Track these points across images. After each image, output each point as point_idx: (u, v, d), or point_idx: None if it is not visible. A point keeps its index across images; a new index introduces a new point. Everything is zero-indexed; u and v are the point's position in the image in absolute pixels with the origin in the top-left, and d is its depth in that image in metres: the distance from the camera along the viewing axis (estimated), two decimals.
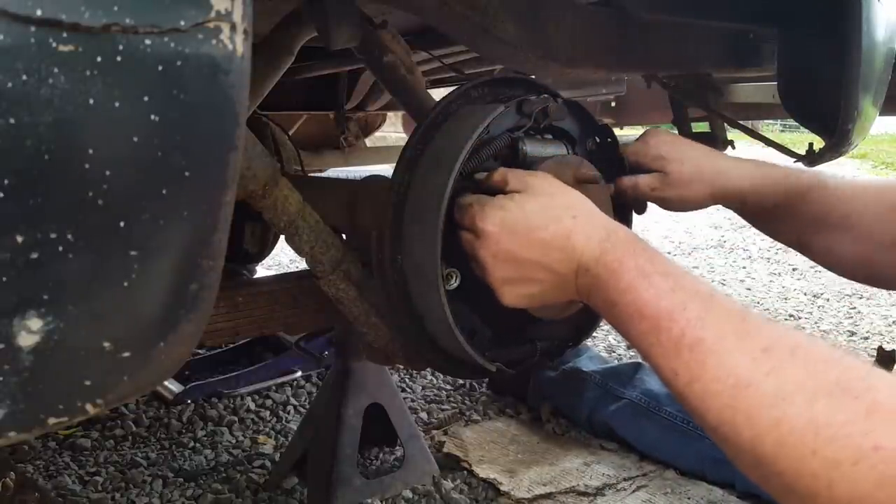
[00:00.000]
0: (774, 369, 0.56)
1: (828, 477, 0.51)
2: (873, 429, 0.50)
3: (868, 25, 1.09)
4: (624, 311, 0.69)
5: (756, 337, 0.60)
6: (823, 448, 0.51)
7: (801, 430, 0.53)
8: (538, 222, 0.77)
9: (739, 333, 0.60)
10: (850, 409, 0.52)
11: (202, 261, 0.48)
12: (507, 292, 0.81)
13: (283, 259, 3.52)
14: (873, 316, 2.83)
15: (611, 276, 0.71)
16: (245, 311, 1.17)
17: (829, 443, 0.51)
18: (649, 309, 0.66)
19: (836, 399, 0.53)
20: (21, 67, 0.37)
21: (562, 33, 1.06)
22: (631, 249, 0.72)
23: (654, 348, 0.65)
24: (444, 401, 1.99)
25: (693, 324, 0.62)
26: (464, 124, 0.90)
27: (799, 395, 0.54)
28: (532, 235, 0.77)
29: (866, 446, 0.50)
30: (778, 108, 1.75)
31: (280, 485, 1.53)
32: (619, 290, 0.70)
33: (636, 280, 0.68)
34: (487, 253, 0.80)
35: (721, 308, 0.64)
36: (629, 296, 0.68)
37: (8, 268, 0.39)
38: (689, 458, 1.56)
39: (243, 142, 0.48)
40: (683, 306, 0.64)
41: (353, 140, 2.64)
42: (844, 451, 0.50)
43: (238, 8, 0.44)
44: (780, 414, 0.54)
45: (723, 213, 5.21)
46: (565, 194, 0.81)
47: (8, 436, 0.43)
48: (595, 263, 0.73)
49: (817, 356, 0.57)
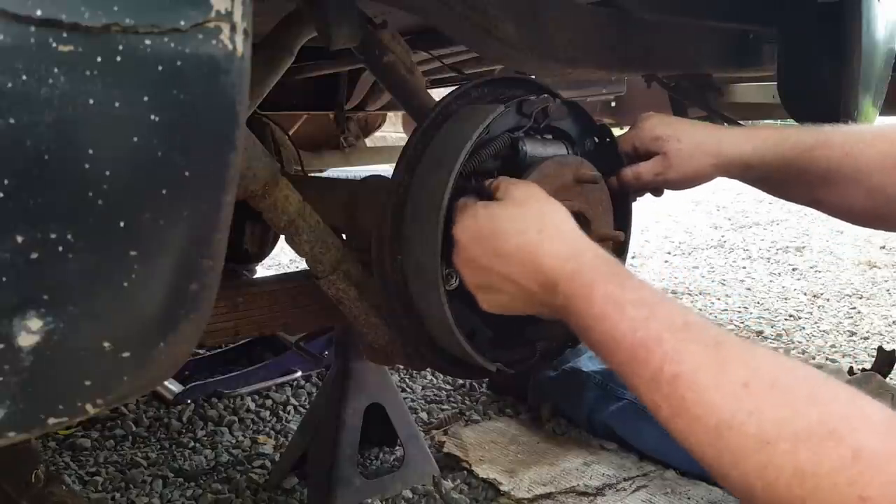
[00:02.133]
0: (756, 409, 0.56)
1: None
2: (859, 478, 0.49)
3: (868, 25, 1.09)
4: (600, 339, 0.68)
5: (735, 369, 0.59)
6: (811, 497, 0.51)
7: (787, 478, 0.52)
8: (502, 233, 0.76)
9: (718, 365, 0.59)
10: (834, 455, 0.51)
11: (202, 261, 0.48)
12: (482, 298, 0.82)
13: (283, 259, 3.52)
14: (873, 316, 2.83)
15: (582, 301, 0.70)
16: (245, 311, 1.17)
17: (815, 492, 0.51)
18: (625, 341, 0.65)
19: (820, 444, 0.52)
20: (21, 67, 0.37)
21: (562, 33, 1.06)
22: (600, 273, 0.70)
23: (634, 379, 0.64)
24: (444, 401, 1.99)
25: (669, 357, 0.61)
26: (464, 124, 0.90)
27: (782, 440, 0.53)
28: (495, 245, 0.76)
29: (852, 497, 0.49)
30: (778, 108, 1.75)
31: (280, 485, 1.53)
32: (592, 317, 0.68)
33: (608, 309, 0.67)
34: (458, 259, 0.81)
35: (697, 337, 0.62)
36: (603, 324, 0.67)
37: (8, 268, 0.39)
38: (688, 458, 1.54)
39: (243, 142, 0.48)
40: (658, 338, 0.63)
41: (353, 140, 2.64)
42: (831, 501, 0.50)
43: (238, 8, 0.44)
44: (765, 459, 0.54)
45: (723, 213, 5.22)
46: (538, 206, 0.79)
47: (8, 436, 0.43)
48: (566, 284, 0.71)
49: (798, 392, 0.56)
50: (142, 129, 0.42)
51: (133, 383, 0.48)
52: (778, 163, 0.98)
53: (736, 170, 1.00)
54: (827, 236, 4.25)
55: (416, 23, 1.37)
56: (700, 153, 0.99)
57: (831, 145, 0.97)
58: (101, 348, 0.45)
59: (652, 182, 1.02)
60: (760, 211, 5.15)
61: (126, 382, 0.48)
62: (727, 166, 1.00)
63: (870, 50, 1.11)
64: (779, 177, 1.00)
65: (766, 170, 0.99)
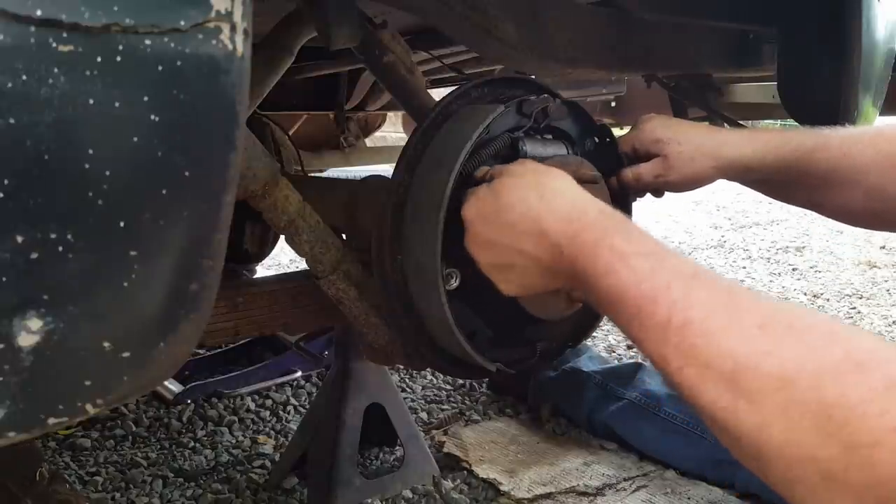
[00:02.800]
0: (775, 348, 0.52)
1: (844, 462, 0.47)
2: (890, 407, 0.46)
3: (868, 25, 1.09)
4: (605, 297, 0.65)
5: (749, 313, 0.55)
6: (838, 431, 0.47)
7: (812, 414, 0.48)
8: (506, 203, 0.76)
9: (730, 310, 0.56)
10: (864, 387, 0.47)
11: (202, 261, 0.48)
12: (500, 280, 0.80)
13: (283, 259, 3.52)
14: (873, 316, 2.83)
15: (586, 259, 0.67)
16: (245, 311, 1.17)
17: (843, 425, 0.47)
18: (630, 293, 0.62)
19: (846, 376, 0.48)
20: (21, 67, 0.37)
21: (562, 33, 1.06)
22: (602, 228, 0.68)
23: (642, 333, 0.61)
24: (444, 401, 1.99)
25: (679, 304, 0.58)
26: (464, 124, 0.90)
27: (804, 375, 0.50)
28: (501, 219, 0.76)
29: (884, 427, 0.46)
30: (778, 108, 1.75)
31: (280, 485, 1.53)
32: (596, 275, 0.66)
33: (613, 262, 0.64)
34: (470, 241, 0.80)
35: (707, 284, 0.59)
36: (608, 279, 0.64)
37: (8, 268, 0.39)
38: (688, 458, 1.56)
39: (243, 142, 0.48)
40: (667, 286, 0.60)
41: (353, 140, 2.64)
42: (860, 433, 0.46)
43: (238, 8, 0.44)
44: (787, 397, 0.50)
45: (723, 213, 5.22)
46: (535, 174, 0.78)
47: (8, 436, 0.43)
48: (568, 244, 0.69)
49: (817, 331, 0.53)
50: (142, 129, 0.42)
51: (133, 383, 0.48)
52: (778, 165, 0.98)
53: (736, 172, 1.01)
54: (827, 236, 4.25)
55: (416, 23, 1.37)
56: (700, 155, 0.99)
57: (830, 147, 0.97)
58: (101, 348, 0.45)
59: (652, 183, 1.02)
60: (760, 211, 5.15)
61: (126, 382, 0.48)
62: (727, 168, 1.00)
63: (870, 50, 1.11)
64: (779, 179, 1.00)
65: (766, 172, 0.99)
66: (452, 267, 0.87)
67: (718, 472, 1.51)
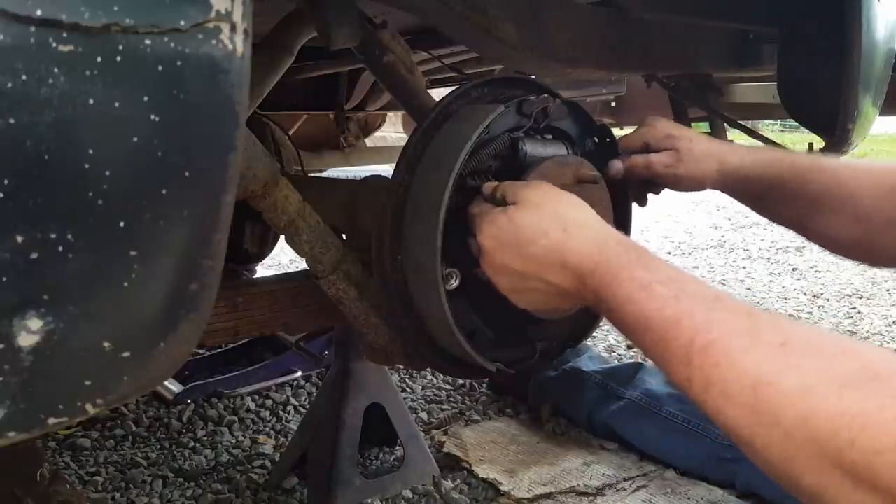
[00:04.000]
0: (795, 363, 0.54)
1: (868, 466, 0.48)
2: None
3: (868, 25, 1.09)
4: (630, 324, 0.68)
5: (769, 333, 0.58)
6: (860, 437, 0.49)
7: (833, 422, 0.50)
8: (528, 236, 0.77)
9: (751, 331, 0.58)
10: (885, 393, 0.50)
11: (202, 261, 0.48)
12: (517, 299, 0.83)
13: (283, 259, 3.52)
14: (873, 316, 2.83)
15: (608, 288, 0.70)
16: (245, 311, 1.17)
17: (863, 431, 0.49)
18: (654, 320, 0.65)
19: (865, 386, 0.51)
20: (21, 67, 0.37)
21: (562, 33, 1.06)
22: (625, 260, 0.71)
23: (665, 358, 0.63)
24: (444, 401, 1.99)
25: (701, 328, 0.61)
26: (464, 124, 0.90)
27: (825, 387, 0.52)
28: (523, 251, 0.77)
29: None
30: (778, 108, 1.75)
31: (280, 485, 1.53)
32: (619, 302, 0.69)
33: (635, 290, 0.67)
34: (487, 266, 0.82)
35: (728, 307, 0.62)
36: (631, 307, 0.67)
37: (8, 268, 0.39)
38: (690, 457, 1.56)
39: (243, 142, 0.48)
40: (690, 312, 0.62)
41: (353, 140, 2.64)
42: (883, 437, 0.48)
43: (238, 8, 0.44)
44: (808, 407, 0.52)
45: (723, 213, 5.22)
46: (557, 204, 0.80)
47: (8, 436, 0.43)
48: (593, 277, 0.72)
49: (835, 347, 0.55)
50: (142, 129, 0.42)
51: (133, 383, 0.48)
52: (774, 180, 1.01)
53: (736, 181, 1.03)
54: None
55: (416, 23, 1.37)
56: (707, 157, 1.03)
57: (824, 169, 1.00)
58: (101, 348, 0.45)
59: (661, 173, 1.03)
60: None
61: (126, 382, 0.48)
62: (729, 175, 1.03)
63: (870, 50, 1.11)
64: (774, 194, 1.02)
65: (762, 185, 1.02)
66: (452, 267, 0.87)
67: (720, 470, 1.51)
